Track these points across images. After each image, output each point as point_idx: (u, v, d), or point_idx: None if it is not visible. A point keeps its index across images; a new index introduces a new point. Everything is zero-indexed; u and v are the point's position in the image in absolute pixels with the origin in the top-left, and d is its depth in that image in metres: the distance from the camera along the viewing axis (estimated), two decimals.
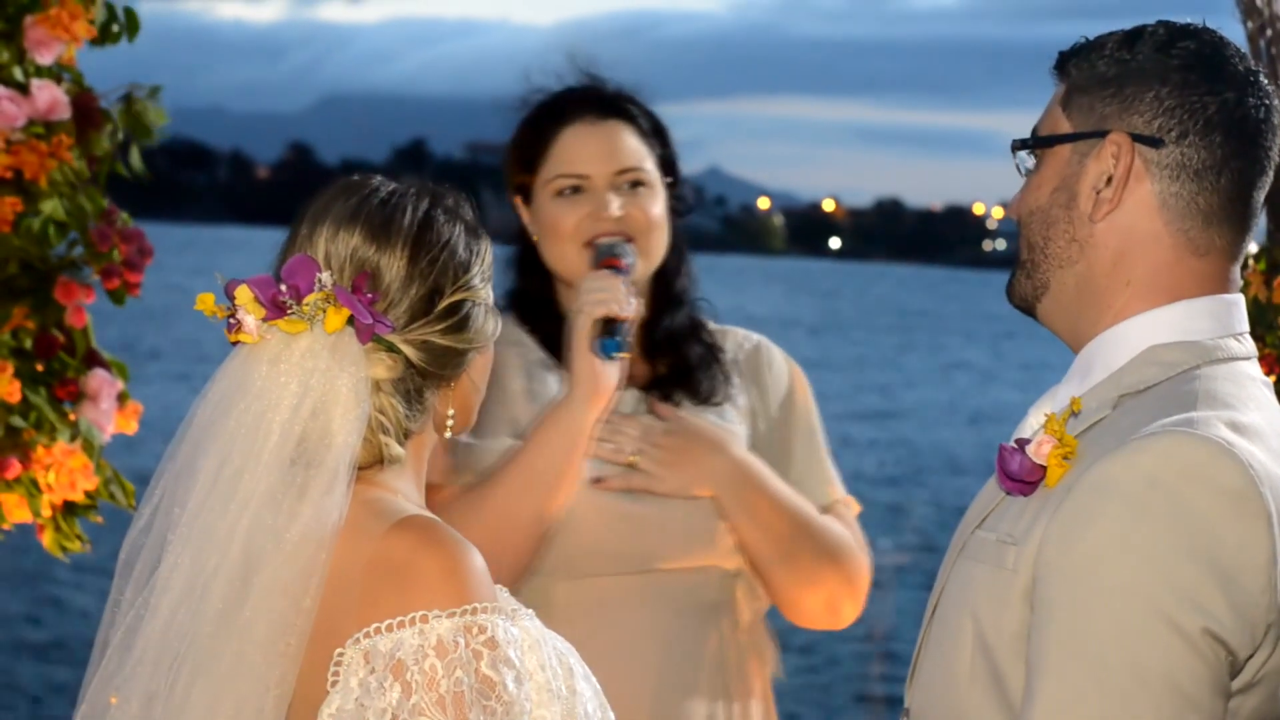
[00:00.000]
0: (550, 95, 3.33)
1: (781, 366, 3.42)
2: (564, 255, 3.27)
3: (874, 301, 74.56)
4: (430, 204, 2.24)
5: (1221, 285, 2.21)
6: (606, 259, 3.21)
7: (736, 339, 3.43)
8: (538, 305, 3.34)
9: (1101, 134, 2.20)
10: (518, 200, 3.34)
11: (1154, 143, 2.18)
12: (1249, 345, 2.23)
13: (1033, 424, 2.24)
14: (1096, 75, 2.23)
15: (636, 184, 3.27)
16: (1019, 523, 2.13)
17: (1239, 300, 2.24)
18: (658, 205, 3.29)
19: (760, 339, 3.44)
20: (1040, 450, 2.13)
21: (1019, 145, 2.29)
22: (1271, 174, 2.23)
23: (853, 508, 3.39)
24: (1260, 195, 2.22)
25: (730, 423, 3.31)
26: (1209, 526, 1.99)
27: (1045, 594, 2.03)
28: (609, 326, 3.13)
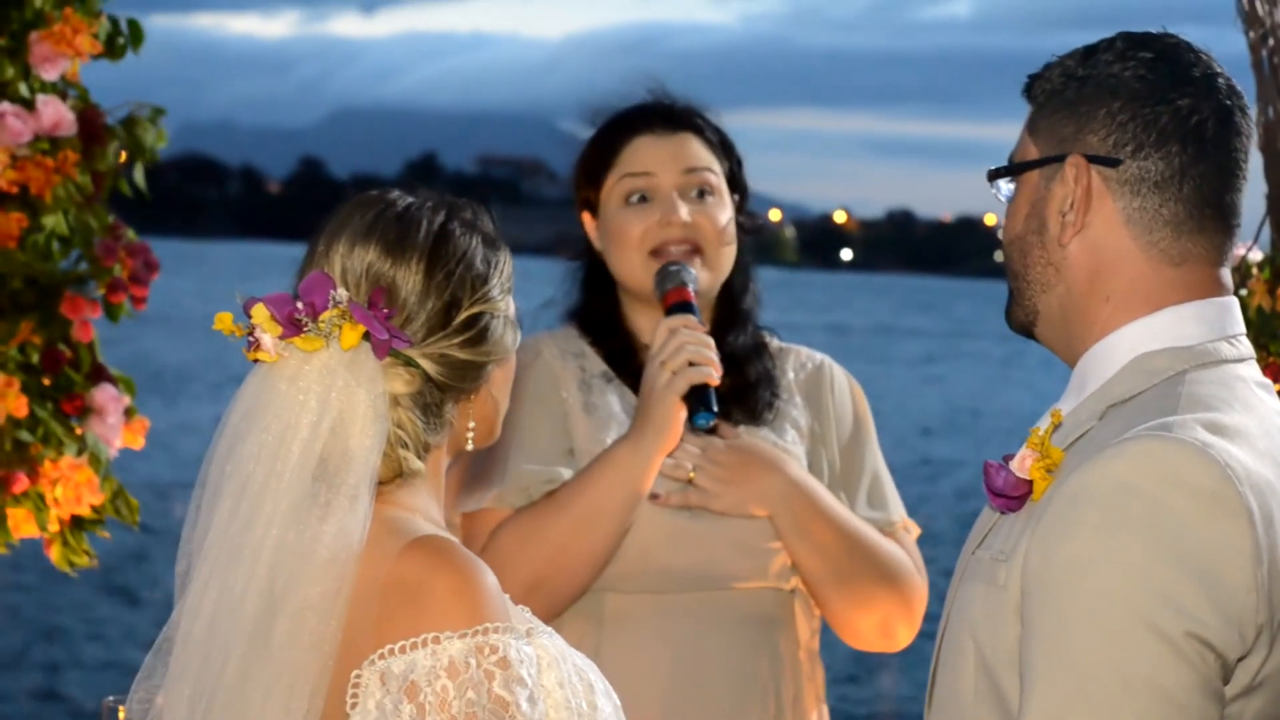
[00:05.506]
0: (618, 110, 3.31)
1: (844, 387, 3.37)
2: (630, 264, 3.23)
3: (886, 312, 74.52)
4: (447, 216, 2.23)
5: (1207, 290, 2.19)
6: (675, 289, 3.16)
7: (799, 359, 3.38)
8: (602, 321, 3.30)
9: (1061, 158, 2.19)
10: (585, 215, 3.31)
11: (1110, 162, 2.16)
12: (1243, 347, 2.20)
13: None
14: (1056, 95, 2.22)
15: (705, 192, 3.24)
16: (1009, 539, 2.13)
17: (1231, 303, 2.21)
18: (725, 216, 3.25)
19: (824, 359, 3.39)
20: (1023, 465, 2.13)
21: (993, 174, 2.29)
22: (1245, 175, 2.20)
23: (913, 531, 3.35)
24: (1235, 197, 2.19)
25: (789, 443, 3.28)
26: (1187, 529, 1.98)
27: (1031, 606, 2.03)
28: (702, 393, 3.08)
